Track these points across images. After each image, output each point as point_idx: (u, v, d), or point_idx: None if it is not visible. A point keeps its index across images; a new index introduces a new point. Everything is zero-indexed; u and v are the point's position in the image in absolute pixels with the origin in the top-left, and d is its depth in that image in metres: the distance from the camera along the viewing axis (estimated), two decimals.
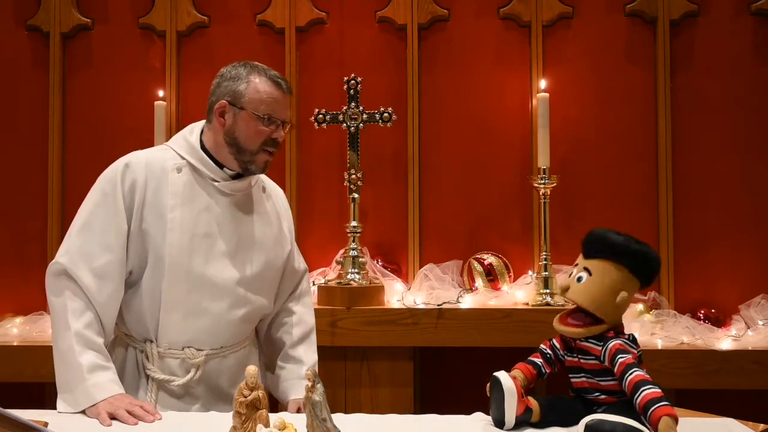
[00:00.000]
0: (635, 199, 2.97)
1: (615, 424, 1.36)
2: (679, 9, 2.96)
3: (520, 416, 1.52)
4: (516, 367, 1.64)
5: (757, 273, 2.90)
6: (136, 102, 3.08)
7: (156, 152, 1.93)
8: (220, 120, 1.87)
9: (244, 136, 1.86)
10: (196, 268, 1.84)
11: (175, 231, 1.83)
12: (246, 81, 1.87)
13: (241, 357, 1.95)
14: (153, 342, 1.87)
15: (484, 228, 3.02)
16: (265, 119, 1.85)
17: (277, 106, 1.87)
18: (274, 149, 1.89)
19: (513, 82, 3.04)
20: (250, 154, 1.87)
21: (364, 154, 2.84)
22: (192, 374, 1.86)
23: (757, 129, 2.95)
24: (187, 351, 1.86)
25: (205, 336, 1.87)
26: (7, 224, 3.10)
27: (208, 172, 1.88)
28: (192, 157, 1.89)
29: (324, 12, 3.11)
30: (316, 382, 1.34)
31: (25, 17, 3.14)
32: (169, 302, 1.84)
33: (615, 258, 1.53)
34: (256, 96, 1.85)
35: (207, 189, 1.88)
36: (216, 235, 1.87)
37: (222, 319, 1.88)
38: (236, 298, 1.89)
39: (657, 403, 1.38)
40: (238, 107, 1.86)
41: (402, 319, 2.62)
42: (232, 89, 1.87)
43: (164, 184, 1.85)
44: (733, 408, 2.12)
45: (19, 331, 2.84)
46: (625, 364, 1.46)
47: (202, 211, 1.86)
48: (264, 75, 1.88)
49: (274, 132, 1.87)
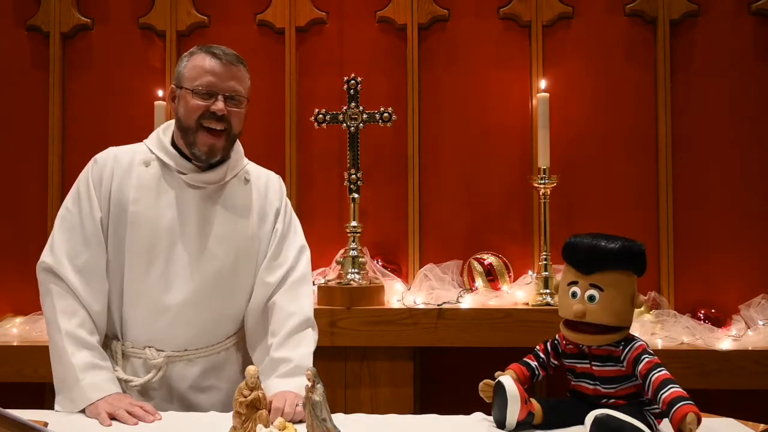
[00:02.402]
0: (635, 199, 2.97)
1: (623, 423, 1.36)
2: (679, 9, 2.96)
3: (522, 421, 1.52)
4: (510, 367, 1.64)
5: (757, 273, 2.90)
6: (136, 102, 3.08)
7: (129, 147, 1.92)
8: (171, 105, 1.87)
9: (183, 114, 1.82)
10: (156, 263, 1.81)
11: (136, 225, 1.81)
12: (187, 60, 1.85)
13: (211, 363, 1.88)
14: (119, 340, 1.85)
15: (484, 228, 3.02)
16: (201, 92, 1.79)
17: (213, 79, 1.80)
18: (216, 127, 1.80)
19: (513, 82, 3.04)
20: (192, 132, 1.81)
21: (364, 154, 2.84)
22: (151, 375, 1.81)
23: (757, 129, 2.95)
24: (147, 351, 1.82)
25: (166, 336, 1.82)
26: (7, 224, 3.10)
27: (174, 165, 1.85)
28: (160, 151, 1.87)
29: (324, 12, 3.10)
30: (316, 382, 1.34)
31: (25, 17, 3.14)
32: (130, 298, 1.82)
33: (620, 266, 1.50)
34: (193, 72, 1.81)
35: (175, 183, 1.85)
36: (180, 230, 1.82)
37: (182, 317, 1.82)
38: (198, 296, 1.83)
39: (683, 401, 1.39)
40: (180, 88, 1.84)
41: (402, 319, 2.62)
42: (178, 72, 1.86)
43: (129, 178, 1.84)
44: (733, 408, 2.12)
45: (18, 331, 2.84)
46: (653, 363, 1.47)
47: (167, 206, 1.82)
48: (204, 51, 1.84)
49: (212, 105, 1.79)
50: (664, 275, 2.90)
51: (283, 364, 1.80)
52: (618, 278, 1.50)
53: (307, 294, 1.95)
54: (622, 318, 1.51)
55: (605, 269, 1.50)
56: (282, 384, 1.75)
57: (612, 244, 1.50)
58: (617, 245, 1.50)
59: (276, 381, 1.78)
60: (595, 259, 1.50)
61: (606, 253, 1.49)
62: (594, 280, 1.51)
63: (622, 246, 1.50)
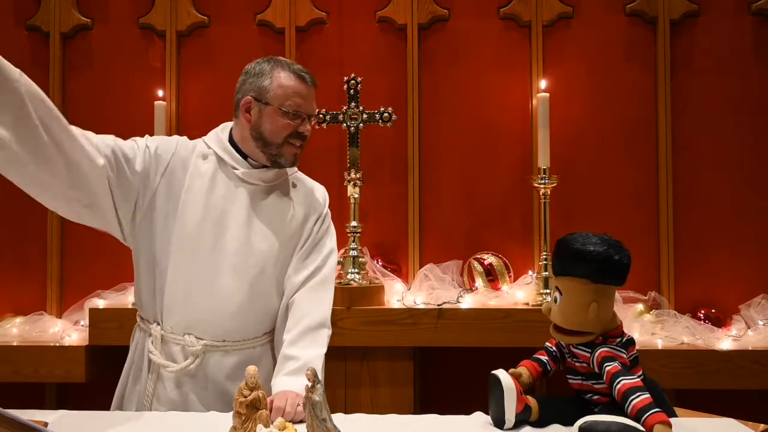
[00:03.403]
0: (635, 199, 2.97)
1: (609, 424, 1.37)
2: (679, 9, 2.97)
3: (519, 414, 1.52)
4: (521, 364, 1.65)
5: (757, 273, 2.90)
6: (136, 102, 3.08)
7: (190, 140, 1.99)
8: (246, 116, 1.90)
9: (269, 130, 1.88)
10: (202, 250, 1.85)
11: (186, 212, 1.86)
12: (270, 76, 1.89)
13: (247, 357, 1.90)
14: (159, 324, 1.88)
15: (484, 228, 3.02)
16: (290, 114, 1.87)
17: (302, 101, 1.89)
18: (301, 142, 1.91)
19: (513, 82, 3.05)
20: (276, 147, 1.89)
21: (364, 154, 2.84)
22: (188, 362, 1.84)
23: (757, 129, 2.95)
24: (186, 338, 1.85)
25: (206, 323, 1.86)
26: (7, 224, 3.10)
27: (231, 161, 1.92)
28: (218, 147, 1.93)
29: (324, 12, 3.11)
30: (316, 382, 1.34)
31: (25, 17, 3.14)
32: (173, 280, 1.85)
33: (576, 272, 1.50)
34: (280, 91, 1.88)
35: (229, 178, 1.91)
36: (229, 222, 1.88)
37: (222, 304, 1.86)
38: (241, 287, 1.87)
39: (648, 412, 1.39)
40: (263, 103, 1.88)
41: (402, 319, 2.62)
42: (257, 85, 1.90)
43: (186, 166, 1.90)
44: (733, 408, 2.12)
45: (18, 331, 2.84)
46: (611, 374, 1.46)
47: (219, 197, 1.88)
48: (288, 69, 1.91)
49: (300, 126, 1.89)
50: (664, 275, 2.90)
51: (291, 361, 1.83)
52: (573, 285, 1.51)
53: (327, 297, 1.99)
54: (579, 324, 1.52)
55: (564, 274, 1.53)
56: (286, 382, 1.77)
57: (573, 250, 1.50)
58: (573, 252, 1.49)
59: (282, 379, 1.80)
60: (558, 261, 1.54)
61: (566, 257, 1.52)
62: (558, 282, 1.55)
63: (578, 253, 1.49)
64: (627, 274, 1.52)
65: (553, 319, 1.56)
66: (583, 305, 1.51)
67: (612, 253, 1.49)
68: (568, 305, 1.52)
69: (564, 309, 1.53)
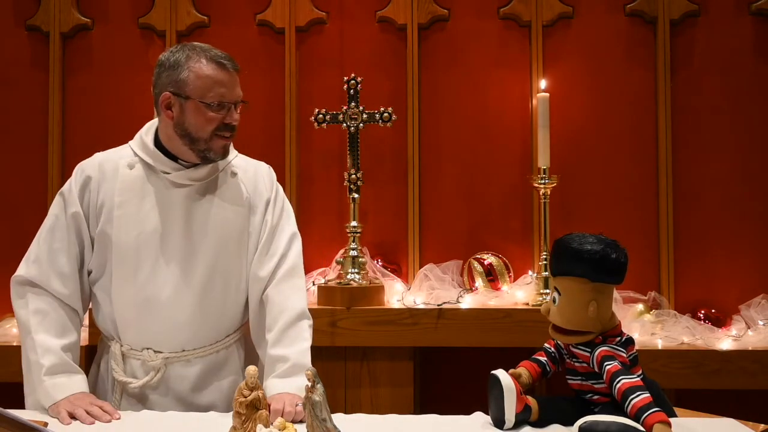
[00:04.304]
0: (635, 198, 2.97)
1: (609, 424, 1.37)
2: (679, 9, 2.96)
3: (519, 414, 1.52)
4: (521, 364, 1.65)
5: (757, 273, 2.90)
6: (136, 102, 3.07)
7: (115, 151, 1.91)
8: (167, 113, 1.79)
9: (194, 126, 1.77)
10: (144, 265, 1.80)
11: (122, 229, 1.80)
12: (186, 67, 1.76)
13: (211, 363, 1.86)
14: (117, 341, 1.85)
15: (484, 228, 3.02)
16: (214, 105, 1.75)
17: (224, 90, 1.76)
18: (230, 133, 1.80)
19: (513, 82, 3.04)
20: (204, 142, 1.78)
21: (364, 154, 2.84)
22: (150, 377, 1.81)
23: (757, 129, 2.95)
24: (145, 352, 1.82)
25: (161, 337, 1.82)
26: (7, 224, 3.10)
27: (158, 166, 1.83)
28: (143, 153, 1.84)
29: (324, 12, 3.10)
30: (316, 382, 1.34)
31: (25, 17, 3.13)
32: (120, 302, 1.81)
33: (574, 272, 1.51)
34: (199, 83, 1.75)
35: (159, 184, 1.82)
36: (167, 231, 1.80)
37: (176, 317, 1.81)
38: (190, 295, 1.81)
39: (647, 411, 1.39)
40: (183, 97, 1.76)
41: (402, 319, 2.62)
42: (174, 78, 1.77)
43: (114, 182, 1.83)
44: (733, 408, 2.13)
45: (19, 331, 2.83)
46: (611, 373, 1.47)
47: (152, 207, 1.80)
48: (204, 57, 1.77)
49: (226, 117, 1.77)
50: (664, 275, 2.90)
51: (280, 363, 1.79)
52: (571, 285, 1.52)
53: (299, 286, 1.91)
54: (578, 324, 1.52)
55: (562, 274, 1.53)
56: (280, 385, 1.75)
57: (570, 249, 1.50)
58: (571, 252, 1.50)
59: (274, 381, 1.77)
60: (556, 261, 1.55)
61: (563, 257, 1.52)
62: (556, 282, 1.56)
63: (575, 252, 1.50)
64: (624, 272, 1.53)
65: (553, 320, 1.56)
66: (582, 304, 1.51)
67: (609, 252, 1.50)
68: (567, 305, 1.53)
69: (563, 309, 1.53)
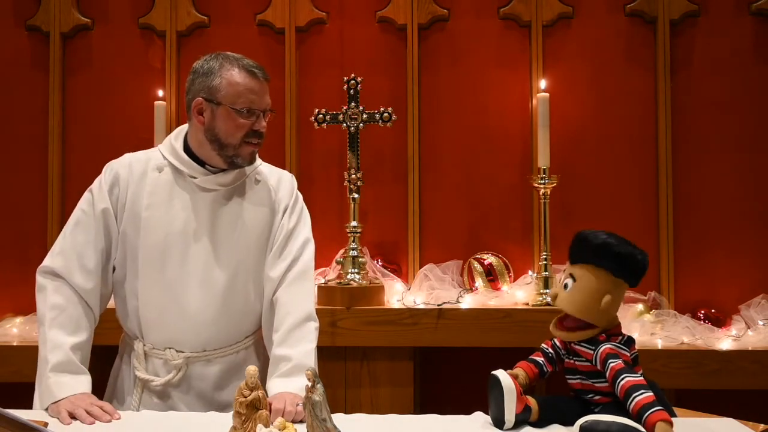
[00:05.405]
0: (635, 198, 2.97)
1: (609, 424, 1.37)
2: (679, 9, 2.96)
3: (519, 414, 1.52)
4: (518, 365, 1.65)
5: (757, 273, 2.90)
6: (136, 102, 3.08)
7: (144, 154, 1.95)
8: (198, 118, 1.85)
9: (224, 131, 1.83)
10: (170, 267, 1.84)
11: (149, 230, 1.84)
12: (219, 75, 1.83)
13: (231, 363, 1.91)
14: (140, 340, 1.89)
15: (484, 228, 3.02)
16: (244, 112, 1.82)
17: (254, 97, 1.83)
18: (258, 140, 1.86)
19: (513, 82, 3.04)
20: (233, 148, 1.84)
21: (364, 154, 2.84)
22: (171, 376, 1.85)
23: (757, 129, 2.95)
24: (168, 352, 1.86)
25: (184, 337, 1.86)
26: (7, 224, 3.10)
27: (187, 170, 1.87)
28: (172, 157, 1.89)
29: (324, 12, 3.10)
30: (316, 382, 1.34)
31: (25, 17, 3.13)
32: (145, 301, 1.85)
33: (597, 262, 1.51)
34: (231, 89, 1.82)
35: (187, 188, 1.88)
36: (193, 233, 1.85)
37: (198, 318, 1.85)
38: (213, 297, 1.86)
39: (650, 409, 1.39)
40: (214, 103, 1.83)
41: (402, 319, 2.62)
42: (207, 85, 1.84)
43: (143, 184, 1.87)
44: (733, 408, 2.12)
45: (19, 331, 2.84)
46: (615, 370, 1.46)
47: (179, 210, 1.85)
48: (237, 66, 1.84)
49: (255, 123, 1.84)
50: (664, 275, 2.90)
51: (283, 362, 1.81)
52: (591, 273, 1.52)
53: (308, 288, 1.96)
54: (587, 314, 1.51)
55: (583, 262, 1.53)
56: (282, 384, 1.76)
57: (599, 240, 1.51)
58: (600, 242, 1.51)
59: (276, 381, 1.79)
60: (578, 249, 1.55)
61: (588, 246, 1.52)
62: (573, 270, 1.55)
63: (605, 243, 1.51)
64: (642, 277, 1.54)
65: (560, 305, 1.55)
66: (596, 294, 1.51)
67: (636, 253, 1.52)
68: (580, 292, 1.52)
69: (575, 295, 1.52)
